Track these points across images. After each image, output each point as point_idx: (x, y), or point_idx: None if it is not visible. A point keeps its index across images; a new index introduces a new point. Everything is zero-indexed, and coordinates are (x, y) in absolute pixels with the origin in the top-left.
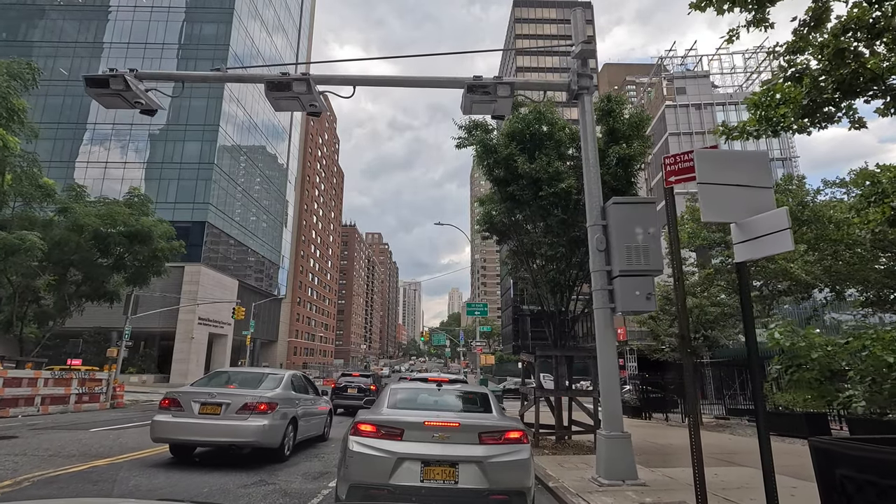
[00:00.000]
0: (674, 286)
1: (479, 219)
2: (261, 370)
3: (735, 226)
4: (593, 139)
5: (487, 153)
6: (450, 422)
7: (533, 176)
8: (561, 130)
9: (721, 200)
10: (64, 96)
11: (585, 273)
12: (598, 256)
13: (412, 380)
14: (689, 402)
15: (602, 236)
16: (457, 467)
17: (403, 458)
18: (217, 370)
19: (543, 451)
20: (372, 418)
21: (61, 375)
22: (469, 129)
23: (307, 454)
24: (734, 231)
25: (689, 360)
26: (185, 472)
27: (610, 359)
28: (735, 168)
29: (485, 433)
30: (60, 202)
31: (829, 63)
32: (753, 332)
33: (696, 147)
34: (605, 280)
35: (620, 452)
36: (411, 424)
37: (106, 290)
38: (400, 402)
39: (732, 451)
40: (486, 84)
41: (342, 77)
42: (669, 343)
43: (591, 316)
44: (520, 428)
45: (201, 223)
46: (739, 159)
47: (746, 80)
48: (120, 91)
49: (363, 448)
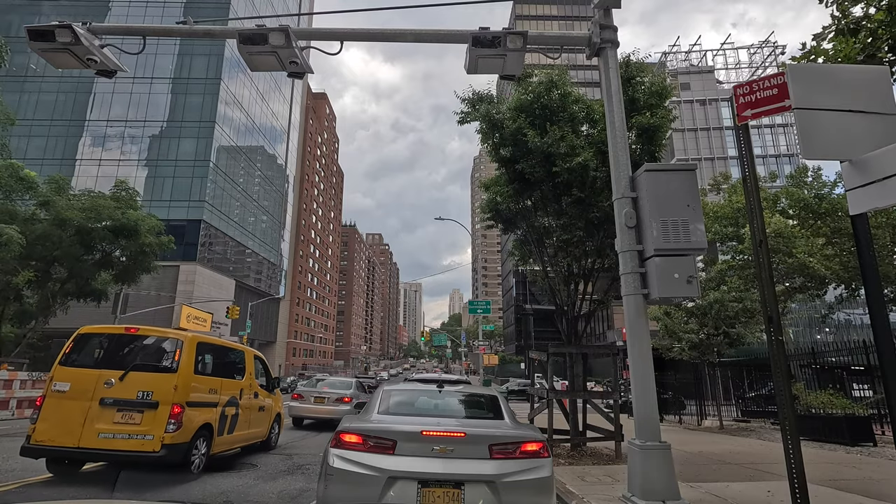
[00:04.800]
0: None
1: (483, 205)
2: (342, 379)
3: (849, 165)
4: (619, 99)
5: (493, 129)
6: (453, 431)
7: (545, 151)
8: (575, 103)
9: (828, 131)
10: (57, 93)
11: (604, 261)
12: (626, 234)
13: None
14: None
15: (632, 210)
16: (462, 488)
17: (396, 477)
18: (316, 377)
19: (559, 461)
20: (358, 427)
21: (39, 377)
22: (472, 102)
23: None
24: (847, 172)
25: (782, 353)
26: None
27: (643, 354)
28: (845, 88)
29: (496, 445)
30: (42, 195)
31: (887, 14)
32: (883, 310)
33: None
34: (636, 262)
35: (659, 466)
36: (406, 434)
37: (92, 289)
38: (393, 407)
39: (772, 459)
40: (496, 35)
41: (328, 31)
42: (688, 340)
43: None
44: (539, 439)
45: (196, 221)
46: (850, 76)
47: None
48: (68, 45)
49: (346, 464)
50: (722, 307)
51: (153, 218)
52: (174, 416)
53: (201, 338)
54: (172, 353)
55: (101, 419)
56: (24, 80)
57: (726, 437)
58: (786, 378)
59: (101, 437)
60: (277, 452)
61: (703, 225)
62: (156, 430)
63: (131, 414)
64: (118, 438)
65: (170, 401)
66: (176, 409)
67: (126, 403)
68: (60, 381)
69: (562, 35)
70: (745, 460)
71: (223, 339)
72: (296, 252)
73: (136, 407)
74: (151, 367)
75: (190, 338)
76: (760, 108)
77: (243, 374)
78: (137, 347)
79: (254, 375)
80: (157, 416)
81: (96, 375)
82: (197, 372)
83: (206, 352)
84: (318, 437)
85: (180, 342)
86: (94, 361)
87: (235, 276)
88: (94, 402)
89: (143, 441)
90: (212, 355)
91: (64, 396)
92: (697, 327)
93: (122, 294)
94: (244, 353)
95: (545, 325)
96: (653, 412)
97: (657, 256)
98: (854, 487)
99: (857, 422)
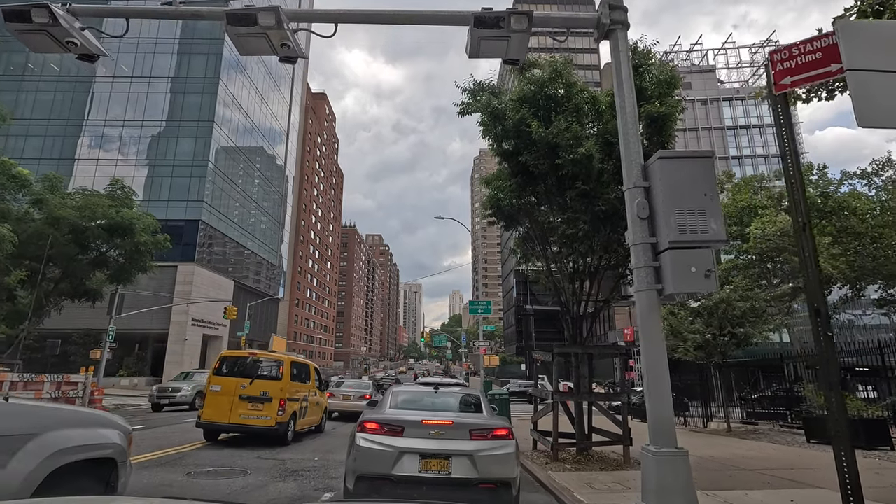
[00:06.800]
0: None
1: (485, 201)
2: (361, 381)
3: None
4: (629, 83)
5: (495, 120)
6: (444, 420)
7: (549, 142)
8: (580, 94)
9: (887, 96)
10: (55, 92)
11: (611, 257)
12: (639, 226)
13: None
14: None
15: (644, 200)
16: (450, 459)
17: (404, 452)
18: (341, 378)
19: (565, 466)
20: (376, 417)
21: (31, 378)
22: (474, 92)
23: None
24: None
25: (832, 352)
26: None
27: (657, 353)
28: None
29: (475, 430)
30: (35, 193)
31: None
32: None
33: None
34: (649, 255)
35: (676, 475)
36: (411, 423)
37: (87, 288)
38: (401, 403)
39: (788, 464)
40: (499, 15)
41: (321, 12)
42: (693, 341)
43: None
44: (506, 426)
45: (195, 221)
46: None
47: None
48: (46, 26)
49: (368, 443)
50: (728, 307)
51: (149, 216)
52: (281, 406)
53: (293, 358)
54: (278, 368)
55: (240, 407)
56: (21, 79)
57: (736, 440)
58: (836, 382)
59: (241, 417)
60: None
61: (721, 215)
62: (271, 413)
63: (257, 404)
64: (250, 419)
65: (279, 396)
66: (282, 402)
67: (254, 398)
68: (214, 384)
69: (569, 16)
70: (760, 465)
71: (301, 358)
72: (295, 252)
73: (260, 400)
74: (267, 377)
75: (287, 359)
76: (801, 76)
77: (309, 380)
78: (258, 365)
79: (314, 381)
80: (272, 405)
81: (236, 382)
82: (291, 379)
83: (295, 367)
84: (347, 427)
85: (282, 362)
86: (233, 372)
87: (234, 276)
88: (235, 396)
89: (264, 420)
90: (297, 369)
91: (217, 394)
92: (703, 327)
93: (117, 294)
94: (309, 366)
95: (546, 325)
96: (668, 416)
97: (672, 249)
98: (884, 496)
99: (873, 424)
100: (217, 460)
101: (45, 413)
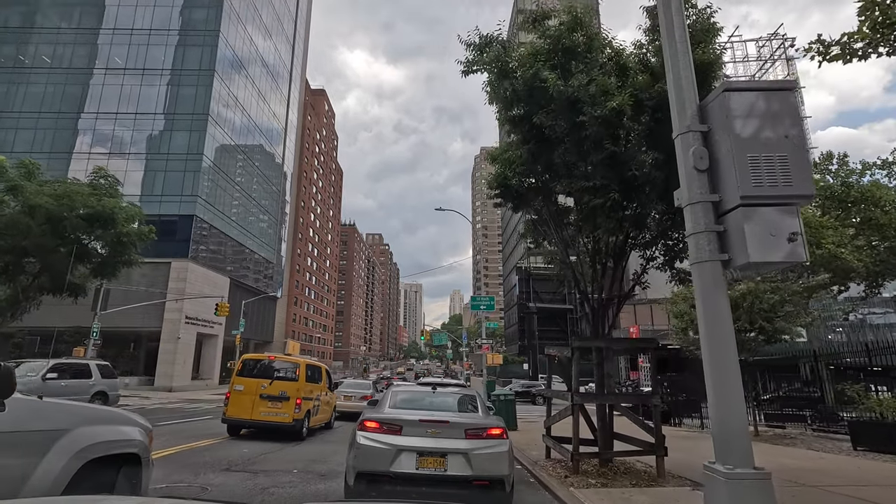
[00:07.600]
0: None
1: (491, 180)
2: (363, 381)
3: None
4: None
5: (503, 78)
6: (441, 419)
7: (569, 96)
8: (602, 49)
9: None
10: (46, 84)
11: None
12: (696, 180)
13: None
14: None
15: (702, 148)
16: (446, 457)
17: (402, 450)
18: (346, 380)
19: (588, 481)
20: (376, 416)
21: None
22: (480, 46)
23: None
24: None
25: None
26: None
27: (723, 343)
28: None
29: (470, 429)
30: (9, 180)
31: None
32: None
33: None
34: (710, 217)
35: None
36: (409, 422)
37: (68, 283)
38: (400, 403)
39: (854, 479)
40: None
41: None
42: None
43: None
44: (500, 426)
45: (189, 217)
46: None
47: (759, 70)
48: None
49: (368, 441)
50: (756, 299)
51: (133, 207)
52: (297, 404)
53: (308, 361)
54: (294, 370)
55: (261, 405)
56: (12, 70)
57: (768, 445)
58: None
59: (262, 414)
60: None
61: (809, 164)
62: (289, 411)
63: (276, 403)
64: (270, 416)
65: (295, 396)
66: (298, 401)
67: (273, 397)
68: (237, 384)
69: None
70: (821, 481)
71: (314, 361)
72: (294, 250)
73: (279, 399)
74: (285, 378)
75: (303, 362)
76: None
77: (321, 381)
78: (277, 367)
79: (326, 382)
80: (289, 404)
81: (257, 382)
82: (306, 381)
83: (309, 369)
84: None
85: (298, 364)
86: (253, 374)
87: (230, 274)
88: (257, 395)
89: (283, 417)
90: (311, 371)
91: (241, 393)
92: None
93: (101, 289)
94: (321, 368)
95: (549, 323)
96: (741, 426)
97: (745, 206)
98: None
99: None
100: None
101: (75, 410)
